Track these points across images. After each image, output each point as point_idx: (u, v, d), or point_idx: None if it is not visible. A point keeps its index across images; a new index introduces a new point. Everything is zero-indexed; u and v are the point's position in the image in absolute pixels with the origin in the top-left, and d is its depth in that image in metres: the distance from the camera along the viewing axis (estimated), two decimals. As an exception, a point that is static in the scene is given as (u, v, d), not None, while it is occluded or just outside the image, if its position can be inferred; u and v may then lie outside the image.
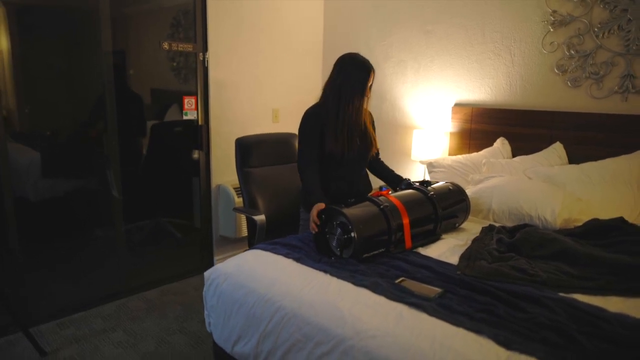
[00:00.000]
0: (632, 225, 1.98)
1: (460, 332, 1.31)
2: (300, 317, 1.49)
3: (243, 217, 3.31)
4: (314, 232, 1.96)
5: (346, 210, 1.82)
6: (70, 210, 3.00)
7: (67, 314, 2.73)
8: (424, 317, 1.39)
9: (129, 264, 3.12)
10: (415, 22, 3.34)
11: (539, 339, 1.26)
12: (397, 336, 1.31)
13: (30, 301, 2.68)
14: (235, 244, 3.53)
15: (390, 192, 2.13)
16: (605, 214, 2.15)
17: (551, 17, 2.70)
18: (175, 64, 3.26)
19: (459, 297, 1.52)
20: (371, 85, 2.26)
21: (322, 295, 1.54)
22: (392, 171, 2.50)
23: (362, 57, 2.25)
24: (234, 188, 3.32)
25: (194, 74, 3.19)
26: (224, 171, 3.38)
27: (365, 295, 1.52)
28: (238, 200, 3.26)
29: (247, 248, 3.42)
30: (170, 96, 3.33)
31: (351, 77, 2.19)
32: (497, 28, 2.94)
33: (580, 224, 2.17)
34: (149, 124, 3.30)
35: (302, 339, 1.47)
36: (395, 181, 2.44)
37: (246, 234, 3.37)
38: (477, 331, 1.31)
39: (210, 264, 3.46)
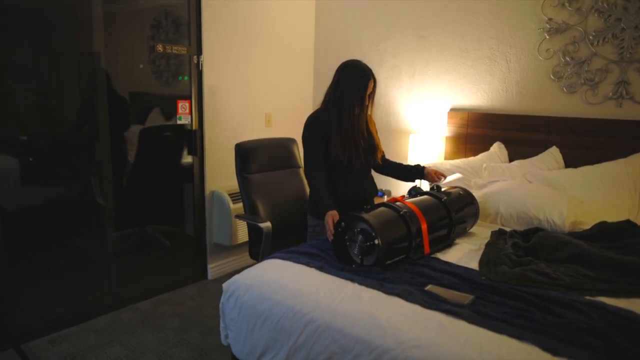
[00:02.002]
0: (640, 228, 2.04)
1: (504, 339, 1.30)
2: (335, 328, 1.45)
3: (239, 224, 3.24)
4: (331, 240, 1.92)
5: (367, 217, 1.79)
6: (53, 219, 2.84)
7: (57, 329, 2.59)
8: (463, 324, 1.38)
9: (120, 274, 2.99)
10: (410, 27, 3.37)
11: (582, 344, 1.27)
12: (442, 345, 1.29)
13: (16, 316, 2.51)
14: (231, 251, 3.45)
15: (405, 197, 2.12)
16: (606, 217, 2.21)
17: (547, 25, 2.77)
18: (156, 66, 3.15)
19: (491, 303, 1.52)
20: (373, 93, 2.25)
21: (355, 305, 1.50)
22: (407, 164, 2.52)
23: (363, 64, 2.25)
24: (229, 194, 3.24)
25: (174, 77, 3.10)
26: (218, 177, 3.29)
27: (398, 304, 1.50)
28: (234, 207, 3.19)
29: (245, 255, 3.38)
30: (151, 100, 3.21)
31: (352, 84, 2.19)
32: (493, 34, 2.99)
33: (585, 226, 2.23)
34: (135, 128, 3.18)
35: (338, 352, 1.43)
36: (416, 171, 2.45)
37: (241, 241, 3.30)
38: (520, 337, 1.30)
39: (204, 272, 3.36)
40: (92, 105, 2.74)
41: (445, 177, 2.43)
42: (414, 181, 2.56)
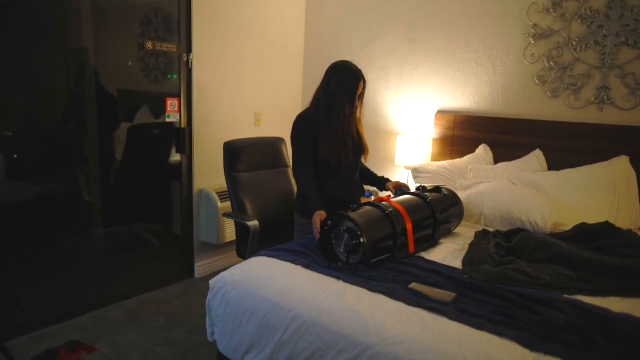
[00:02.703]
0: (618, 229, 2.09)
1: (485, 335, 1.34)
2: (320, 325, 1.47)
3: (227, 223, 3.24)
4: (317, 239, 1.95)
5: (354, 216, 1.82)
6: (39, 216, 2.81)
7: (42, 327, 2.57)
8: (445, 321, 1.41)
9: (106, 272, 2.98)
10: (399, 29, 3.41)
11: (560, 340, 1.31)
12: (425, 342, 1.32)
13: (0, 314, 2.49)
14: (218, 250, 3.45)
15: (390, 197, 2.15)
16: (587, 219, 2.27)
17: (532, 30, 2.83)
18: (146, 64, 3.14)
19: (473, 301, 1.56)
20: (362, 94, 2.28)
21: (340, 303, 1.53)
22: (375, 174, 2.59)
23: (353, 65, 2.28)
24: (217, 193, 3.25)
25: (164, 75, 3.10)
26: (206, 175, 3.30)
27: (383, 301, 1.52)
28: (222, 206, 3.19)
29: (232, 254, 3.39)
30: (140, 97, 3.20)
31: (342, 85, 2.21)
32: (480, 38, 3.04)
33: (566, 228, 2.28)
34: (123, 125, 3.17)
35: (322, 348, 1.45)
36: (380, 182, 2.54)
37: (228, 240, 3.31)
38: (499, 334, 1.34)
39: (191, 271, 3.36)
40: (79, 101, 2.72)
41: (409, 189, 2.43)
42: (380, 191, 2.63)
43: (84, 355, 1.91)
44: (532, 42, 2.84)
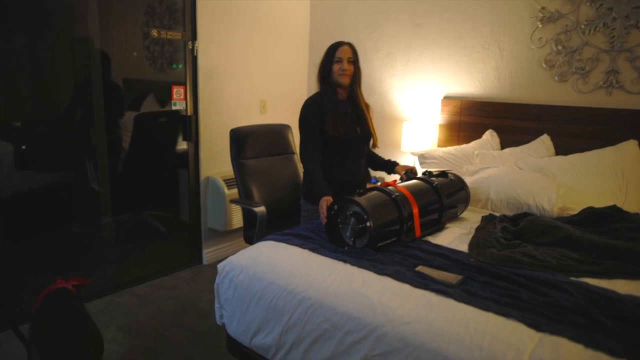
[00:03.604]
0: (626, 213, 2.09)
1: (490, 316, 1.35)
2: (327, 307, 1.49)
3: (234, 209, 3.27)
4: (324, 223, 1.96)
5: (360, 200, 1.83)
6: (49, 204, 2.85)
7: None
8: (452, 302, 1.42)
9: (115, 259, 3.02)
10: (405, 15, 3.38)
11: (566, 321, 1.32)
12: (431, 322, 1.34)
13: (14, 299, 2.54)
14: (225, 236, 3.48)
15: (397, 181, 2.16)
16: (594, 203, 2.26)
17: (540, 14, 2.79)
18: (151, 52, 3.14)
19: (479, 283, 1.56)
20: (352, 58, 2.29)
21: (347, 285, 1.54)
22: (382, 158, 2.59)
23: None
24: (224, 180, 3.27)
25: (169, 64, 3.10)
26: (212, 163, 3.31)
27: (389, 283, 1.54)
28: (229, 192, 3.21)
29: (239, 240, 3.42)
30: (146, 86, 3.21)
31: (325, 55, 2.32)
32: (487, 23, 3.01)
33: (573, 212, 2.28)
34: (128, 114, 3.18)
35: (330, 329, 1.47)
36: (389, 165, 2.53)
37: (236, 227, 3.33)
38: (506, 315, 1.35)
39: (199, 257, 3.39)
40: (85, 91, 2.74)
41: (416, 173, 2.45)
42: (389, 174, 2.62)
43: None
44: (540, 25, 2.80)
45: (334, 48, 2.29)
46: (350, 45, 2.31)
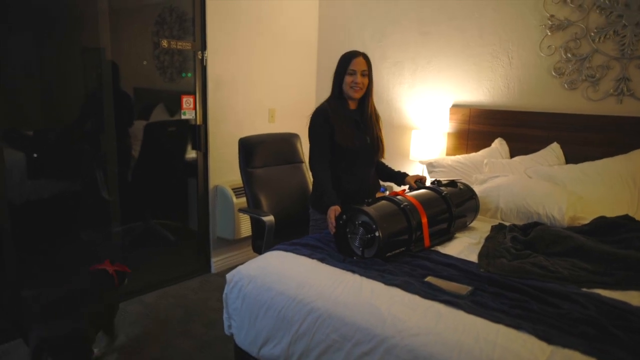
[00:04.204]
0: (638, 222, 2.06)
1: (501, 328, 1.33)
2: (336, 317, 1.48)
3: (242, 218, 3.27)
4: (333, 233, 1.96)
5: (369, 210, 1.82)
6: (59, 212, 2.88)
7: (63, 320, 2.62)
8: (461, 314, 1.41)
9: (125, 267, 3.03)
10: (412, 23, 3.39)
11: (577, 333, 1.30)
12: (440, 334, 1.32)
13: (24, 307, 2.56)
14: (234, 245, 3.48)
15: (405, 191, 2.15)
16: (606, 212, 2.23)
17: (549, 22, 2.78)
18: (161, 62, 3.18)
19: (489, 294, 1.55)
20: (366, 71, 2.28)
21: (356, 296, 1.54)
22: (392, 169, 2.58)
23: (355, 50, 2.32)
24: (232, 189, 3.28)
25: (179, 73, 3.13)
26: (221, 172, 3.33)
27: (398, 294, 1.53)
28: (237, 201, 3.22)
29: (248, 249, 3.42)
30: (156, 96, 3.25)
31: (339, 64, 2.30)
32: (495, 31, 3.01)
33: (583, 221, 2.25)
34: (138, 123, 3.22)
35: (339, 340, 1.46)
36: (398, 177, 2.52)
37: (244, 236, 3.34)
38: (517, 327, 1.33)
39: (208, 266, 3.40)
40: (96, 100, 2.77)
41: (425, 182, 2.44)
42: (399, 186, 2.61)
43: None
44: (549, 33, 2.80)
45: (349, 59, 2.25)
46: (364, 56, 2.27)
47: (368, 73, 2.29)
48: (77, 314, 1.98)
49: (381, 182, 2.69)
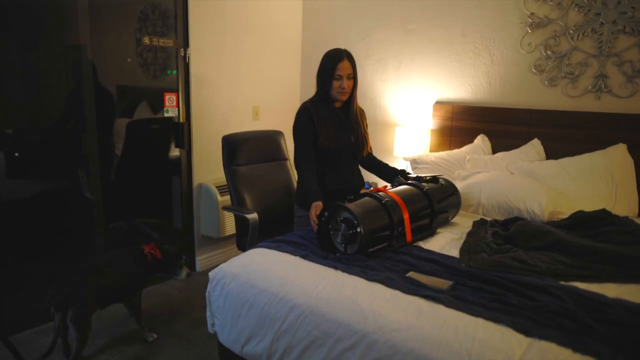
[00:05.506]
0: (615, 216, 2.10)
1: (480, 321, 1.35)
2: (317, 314, 1.49)
3: (227, 216, 3.26)
4: (315, 230, 1.96)
5: (350, 206, 1.83)
6: (40, 212, 2.84)
7: (44, 322, 2.59)
8: (441, 308, 1.43)
9: (108, 267, 2.99)
10: (396, 21, 3.40)
11: (554, 325, 1.32)
12: (421, 328, 1.34)
13: (4, 309, 2.52)
14: (219, 243, 3.47)
15: (387, 187, 2.16)
16: (585, 207, 2.27)
17: (529, 19, 2.82)
18: (144, 59, 3.14)
19: (469, 288, 1.57)
20: (352, 74, 2.28)
21: (337, 292, 1.54)
22: (387, 165, 2.56)
23: (339, 49, 2.31)
24: (217, 186, 3.26)
25: (162, 70, 3.10)
26: (205, 169, 3.31)
27: (380, 290, 1.54)
28: (222, 199, 3.21)
29: (233, 247, 3.40)
30: (139, 93, 3.21)
31: (324, 66, 2.28)
32: (477, 28, 3.04)
33: (563, 216, 2.29)
34: (121, 121, 3.18)
35: (321, 336, 1.47)
36: (391, 174, 2.50)
37: (229, 234, 3.33)
38: (495, 320, 1.35)
39: (192, 264, 3.38)
40: (77, 98, 2.73)
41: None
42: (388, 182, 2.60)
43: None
44: (529, 31, 2.83)
45: (334, 63, 2.22)
46: (349, 57, 2.26)
47: (353, 75, 2.29)
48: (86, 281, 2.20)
49: (365, 178, 2.70)
